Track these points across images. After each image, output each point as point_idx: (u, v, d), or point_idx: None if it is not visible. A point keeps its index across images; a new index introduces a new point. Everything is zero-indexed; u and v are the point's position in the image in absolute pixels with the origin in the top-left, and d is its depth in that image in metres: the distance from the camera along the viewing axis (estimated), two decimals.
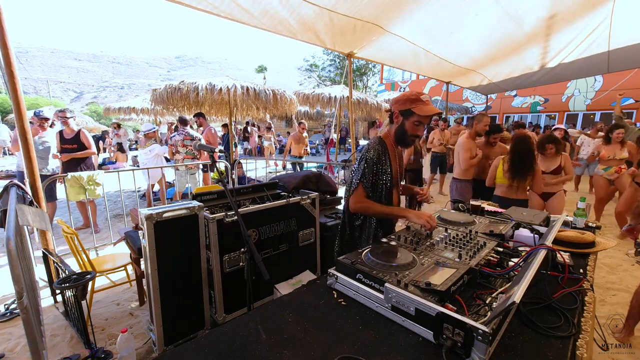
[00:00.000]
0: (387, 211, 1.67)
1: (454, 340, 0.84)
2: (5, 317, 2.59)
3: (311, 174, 3.08)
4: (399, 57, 4.78)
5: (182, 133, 5.20)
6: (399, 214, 1.64)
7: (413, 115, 1.60)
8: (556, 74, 5.91)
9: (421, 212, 1.58)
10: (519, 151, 3.04)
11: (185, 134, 5.18)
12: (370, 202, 1.68)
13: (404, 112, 1.64)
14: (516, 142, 3.12)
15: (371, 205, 1.66)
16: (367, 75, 29.38)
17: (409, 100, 1.60)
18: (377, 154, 1.67)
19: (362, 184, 1.66)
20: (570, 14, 3.60)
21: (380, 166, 1.69)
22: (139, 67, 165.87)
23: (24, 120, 2.36)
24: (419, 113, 1.58)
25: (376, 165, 1.68)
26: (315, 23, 3.14)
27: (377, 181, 1.70)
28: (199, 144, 1.80)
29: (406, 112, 1.62)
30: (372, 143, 1.72)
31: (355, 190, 1.68)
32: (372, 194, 1.71)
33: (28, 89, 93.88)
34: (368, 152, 1.67)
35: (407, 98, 1.61)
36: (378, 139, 1.74)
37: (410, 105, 1.59)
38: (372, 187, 1.69)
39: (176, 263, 1.93)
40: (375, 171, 1.68)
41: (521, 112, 16.40)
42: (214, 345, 0.92)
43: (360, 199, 1.67)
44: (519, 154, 3.03)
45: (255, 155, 13.50)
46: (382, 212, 1.66)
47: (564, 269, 1.26)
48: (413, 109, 1.59)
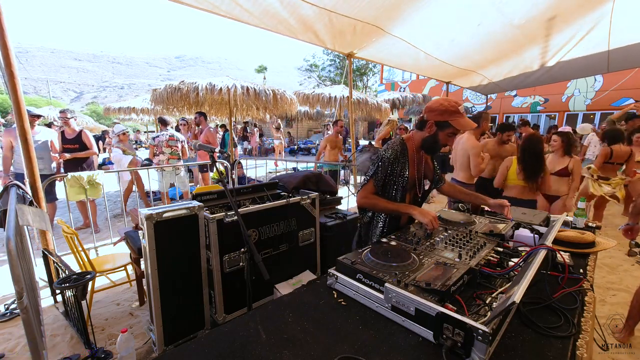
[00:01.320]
0: (392, 207, 1.65)
1: (454, 340, 0.84)
2: (5, 317, 2.59)
3: (311, 174, 3.07)
4: (398, 58, 4.78)
5: (167, 134, 5.15)
6: (405, 210, 1.62)
7: (450, 128, 1.57)
8: (556, 73, 5.89)
9: (427, 210, 1.57)
10: (533, 151, 2.91)
11: (169, 135, 5.14)
12: (378, 197, 1.68)
13: (440, 124, 1.59)
14: (529, 141, 2.98)
15: (377, 201, 1.67)
16: (367, 75, 29.40)
17: (448, 112, 1.54)
18: (394, 154, 1.66)
19: (373, 180, 1.67)
20: (570, 13, 3.59)
21: (395, 167, 1.67)
22: (139, 67, 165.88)
23: (24, 120, 2.36)
24: (456, 127, 1.55)
25: (392, 165, 1.66)
26: (315, 23, 3.15)
27: (389, 181, 1.69)
28: (198, 144, 1.79)
29: (443, 123, 1.58)
30: (392, 143, 1.70)
31: (365, 185, 1.69)
32: (382, 193, 1.72)
33: (28, 89, 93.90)
34: (386, 152, 1.67)
35: (446, 109, 1.55)
36: (399, 140, 1.72)
37: (449, 117, 1.55)
38: (382, 186, 1.70)
39: (176, 263, 1.93)
40: (390, 171, 1.67)
41: (521, 112, 16.39)
42: (214, 345, 0.92)
43: (367, 194, 1.68)
44: (534, 154, 2.91)
45: (256, 155, 13.51)
46: (387, 208, 1.66)
47: (564, 269, 1.26)
48: (451, 121, 1.55)
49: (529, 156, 2.95)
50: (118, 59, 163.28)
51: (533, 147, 2.93)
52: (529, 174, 2.94)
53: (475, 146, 3.38)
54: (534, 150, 2.92)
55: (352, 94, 6.04)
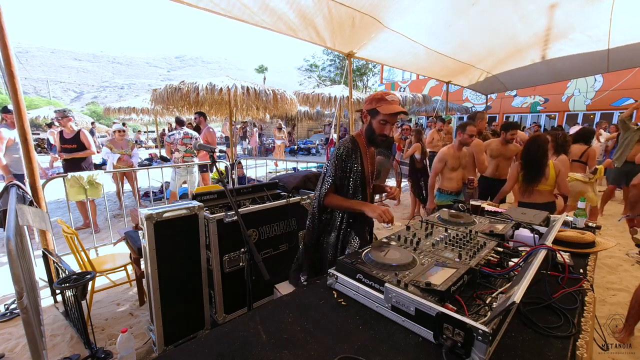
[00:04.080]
0: (346, 205, 1.72)
1: (454, 340, 0.84)
2: (5, 317, 2.59)
3: (311, 174, 3.07)
4: (398, 56, 4.76)
5: (181, 132, 5.26)
6: (357, 207, 1.67)
7: (378, 114, 1.65)
8: (556, 72, 5.87)
9: (375, 205, 1.64)
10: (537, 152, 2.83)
11: (184, 132, 5.25)
12: (335, 196, 1.74)
13: (370, 112, 1.69)
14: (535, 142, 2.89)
15: (333, 199, 1.73)
16: (367, 75, 29.39)
17: (374, 99, 1.66)
18: (347, 151, 1.72)
19: (331, 179, 1.73)
20: (570, 4, 3.55)
21: (348, 164, 1.72)
22: (139, 67, 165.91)
23: (23, 120, 2.36)
24: (382, 112, 1.62)
25: (344, 162, 1.72)
26: (314, 16, 3.11)
27: (344, 178, 1.75)
28: (198, 144, 1.79)
29: (372, 111, 1.67)
30: (344, 141, 1.76)
31: (328, 186, 1.73)
32: (340, 190, 1.77)
33: (28, 89, 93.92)
34: (338, 149, 1.73)
35: (373, 98, 1.67)
36: (350, 138, 1.78)
37: (376, 104, 1.64)
38: (340, 183, 1.75)
39: (176, 263, 1.93)
40: (343, 168, 1.73)
41: (521, 112, 16.39)
42: (214, 345, 0.92)
43: (329, 194, 1.74)
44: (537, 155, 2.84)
45: (256, 155, 13.51)
46: (342, 205, 1.73)
47: (564, 269, 1.26)
48: (378, 107, 1.63)
49: (533, 156, 2.86)
50: (118, 59, 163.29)
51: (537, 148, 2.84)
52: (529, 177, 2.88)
53: (478, 144, 3.48)
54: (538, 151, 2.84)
55: (352, 94, 6.03)
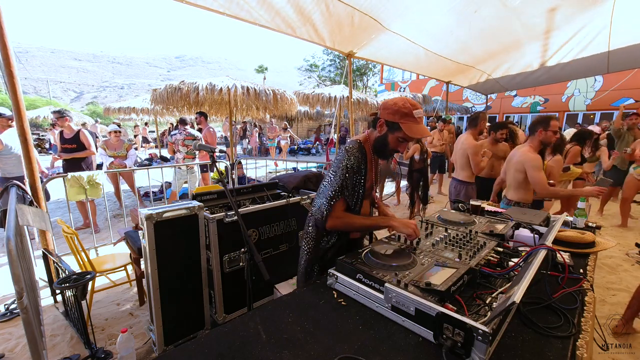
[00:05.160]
0: (369, 223, 1.50)
1: (454, 340, 0.84)
2: (5, 317, 2.59)
3: (311, 174, 3.07)
4: (398, 57, 4.77)
5: (183, 132, 5.24)
6: (384, 223, 1.45)
7: (400, 131, 1.38)
8: (556, 73, 5.89)
9: (408, 221, 1.42)
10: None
11: (186, 133, 5.22)
12: (350, 215, 1.48)
13: (390, 124, 1.40)
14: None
15: (351, 220, 1.47)
16: (367, 75, 29.40)
17: (400, 112, 1.36)
18: (357, 162, 1.44)
19: (343, 195, 1.45)
20: (570, 8, 3.56)
21: (358, 176, 1.47)
22: (139, 67, 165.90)
23: (23, 120, 2.36)
24: (406, 132, 1.36)
25: (356, 174, 1.46)
26: (312, 12, 3.10)
27: (353, 192, 1.48)
28: (198, 144, 1.79)
29: (393, 125, 1.39)
30: (352, 149, 1.45)
31: (334, 204, 1.44)
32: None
33: (28, 89, 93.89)
34: (349, 160, 1.43)
35: (399, 110, 1.36)
36: (357, 145, 1.47)
37: (400, 119, 1.36)
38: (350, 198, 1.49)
39: (176, 263, 1.93)
40: (355, 181, 1.47)
41: (521, 112, 16.39)
42: (214, 345, 0.92)
43: (339, 214, 1.46)
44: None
45: (256, 155, 13.51)
46: (364, 225, 1.48)
47: (564, 269, 1.26)
48: (402, 124, 1.36)
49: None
50: (118, 59, 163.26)
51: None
52: None
53: (473, 145, 3.46)
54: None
55: (352, 94, 6.03)
